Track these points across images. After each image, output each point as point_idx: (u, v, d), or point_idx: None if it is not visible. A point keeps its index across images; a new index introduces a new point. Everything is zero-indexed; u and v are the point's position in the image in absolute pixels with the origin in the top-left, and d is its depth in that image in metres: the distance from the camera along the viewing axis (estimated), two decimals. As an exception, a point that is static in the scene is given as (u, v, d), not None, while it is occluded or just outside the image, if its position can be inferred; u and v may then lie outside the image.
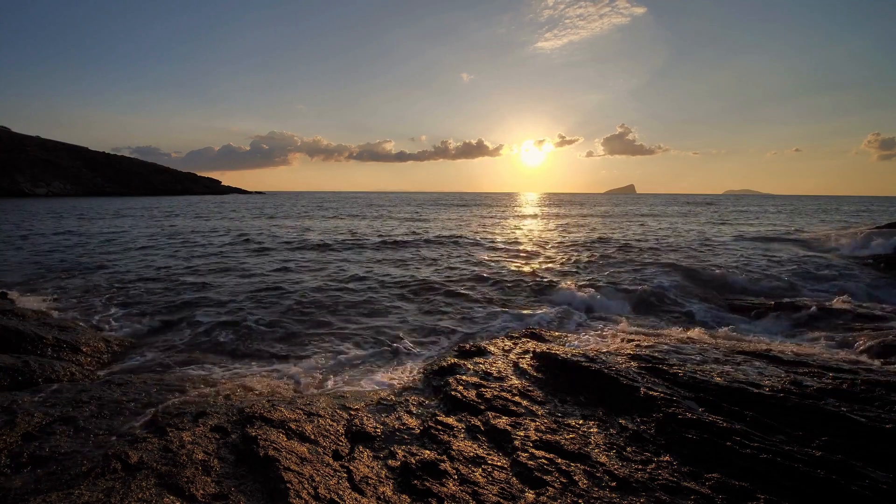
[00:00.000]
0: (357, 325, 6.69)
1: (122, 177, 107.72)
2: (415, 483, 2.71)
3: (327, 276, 10.49)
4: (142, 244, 15.69)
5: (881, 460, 2.75)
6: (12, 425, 3.15)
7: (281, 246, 15.79)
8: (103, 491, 2.41)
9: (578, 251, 14.94)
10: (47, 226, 22.39)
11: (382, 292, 8.89)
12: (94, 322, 6.75)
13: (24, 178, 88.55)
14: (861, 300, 7.85)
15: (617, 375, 4.00)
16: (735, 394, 3.56)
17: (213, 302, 7.87)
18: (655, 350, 4.85)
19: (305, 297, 8.35)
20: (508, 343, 5.48)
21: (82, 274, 10.26)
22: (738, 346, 5.23)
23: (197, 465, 2.74)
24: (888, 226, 15.16)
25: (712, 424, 3.14)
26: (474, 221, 29.78)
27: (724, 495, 2.54)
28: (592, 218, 33.75)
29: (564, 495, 2.56)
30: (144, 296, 8.23)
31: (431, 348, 5.96)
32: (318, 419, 3.49)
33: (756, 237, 19.21)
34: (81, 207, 41.05)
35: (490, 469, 2.84)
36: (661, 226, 26.00)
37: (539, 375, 4.36)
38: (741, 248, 15.88)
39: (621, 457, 2.96)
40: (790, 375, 3.92)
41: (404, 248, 15.64)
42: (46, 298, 7.95)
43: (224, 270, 11.08)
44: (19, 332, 5.25)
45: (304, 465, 2.81)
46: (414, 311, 7.55)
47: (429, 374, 4.70)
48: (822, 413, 3.21)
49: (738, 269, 10.96)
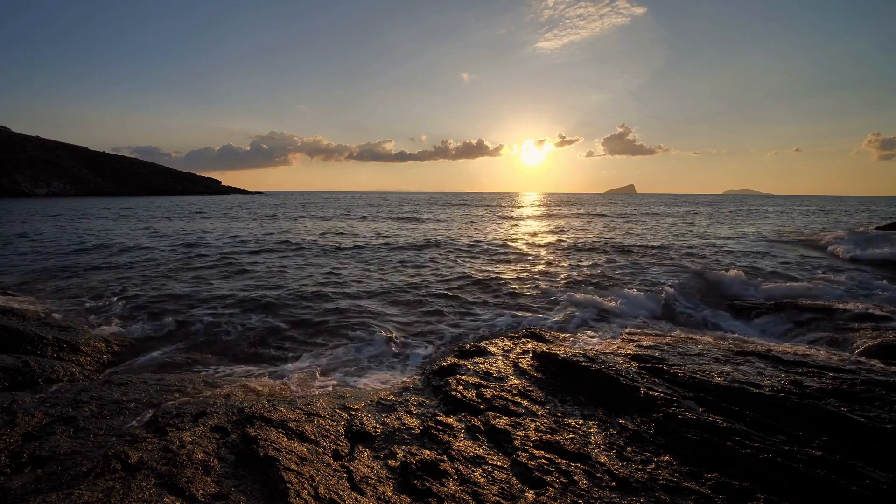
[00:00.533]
0: (357, 326, 6.69)
1: (122, 177, 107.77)
2: (415, 483, 2.71)
3: (327, 277, 10.49)
4: (143, 244, 15.69)
5: (881, 460, 2.75)
6: (12, 425, 3.15)
7: (280, 247, 15.79)
8: (103, 491, 2.41)
9: (578, 252, 14.94)
10: (47, 226, 22.40)
11: (383, 293, 8.89)
12: (94, 322, 6.75)
13: (23, 177, 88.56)
14: (861, 301, 7.84)
15: (617, 375, 4.01)
16: (735, 394, 3.56)
17: (212, 302, 7.87)
18: (655, 350, 4.85)
19: (305, 297, 8.35)
20: (508, 343, 5.48)
21: (82, 274, 10.26)
22: (738, 346, 5.23)
23: (197, 465, 2.74)
24: (889, 226, 15.16)
25: (712, 424, 3.14)
26: (474, 222, 29.79)
27: (724, 495, 2.54)
28: (593, 218, 33.75)
29: (564, 495, 2.56)
30: (145, 296, 8.23)
31: (431, 348, 5.96)
32: (318, 419, 3.49)
33: (757, 238, 19.22)
34: (81, 207, 41.06)
35: (490, 469, 2.84)
36: (662, 226, 26.00)
37: (539, 375, 4.36)
38: (741, 248, 15.89)
39: (621, 457, 2.96)
40: (790, 375, 3.93)
41: (405, 250, 15.64)
42: (46, 298, 7.95)
43: (224, 272, 11.08)
44: (19, 332, 5.25)
45: (304, 465, 2.81)
46: (414, 312, 7.55)
47: (429, 374, 4.70)
48: (822, 413, 3.21)
49: (738, 270, 10.98)
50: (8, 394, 3.80)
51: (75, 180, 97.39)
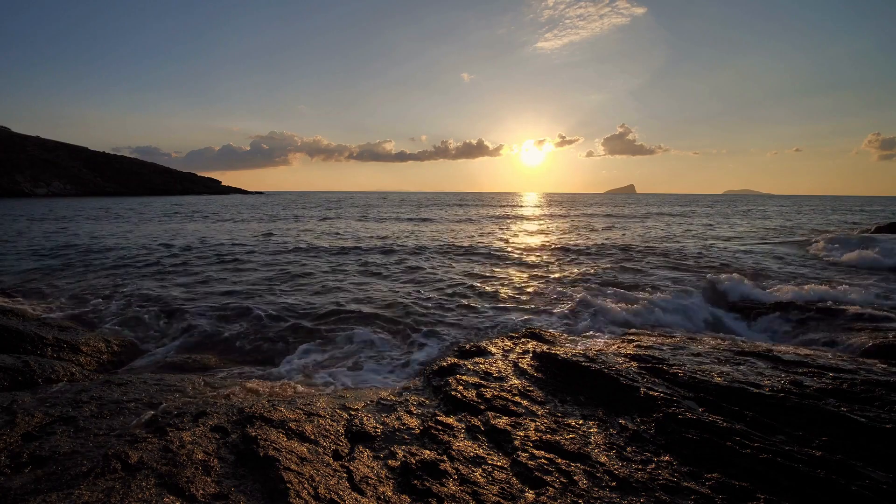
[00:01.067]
0: (357, 326, 6.69)
1: (122, 177, 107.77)
2: (415, 483, 2.71)
3: (326, 278, 10.49)
4: (142, 243, 15.69)
5: (881, 460, 2.75)
6: (12, 425, 3.15)
7: (280, 248, 15.80)
8: (103, 491, 2.41)
9: (579, 253, 14.94)
10: (47, 226, 22.40)
11: (382, 293, 8.89)
12: (93, 321, 6.75)
13: (23, 177, 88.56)
14: (860, 302, 7.84)
15: (617, 375, 4.00)
16: (735, 394, 3.56)
17: (212, 302, 7.87)
18: (655, 350, 4.85)
19: (305, 297, 8.35)
20: (508, 343, 5.48)
21: (82, 274, 10.25)
22: (738, 346, 5.23)
23: (197, 465, 2.74)
24: (889, 226, 15.13)
25: (712, 424, 3.14)
26: (475, 222, 29.78)
27: (724, 495, 2.54)
28: (593, 219, 33.75)
29: (564, 495, 2.56)
30: (145, 296, 8.23)
31: (431, 349, 5.96)
32: (318, 419, 3.49)
33: (757, 239, 19.22)
34: (82, 207, 41.06)
35: (490, 469, 2.84)
36: (661, 227, 26.00)
37: (539, 375, 4.36)
38: (742, 248, 15.90)
39: (621, 457, 2.96)
40: (790, 375, 3.92)
41: (405, 250, 15.64)
42: (46, 298, 7.95)
43: (224, 272, 11.08)
44: (19, 333, 5.25)
45: (304, 465, 2.81)
46: (414, 312, 7.55)
47: (429, 375, 4.70)
48: (822, 413, 3.21)
49: (738, 271, 10.98)
50: (8, 394, 3.80)
51: (75, 180, 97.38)
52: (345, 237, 19.19)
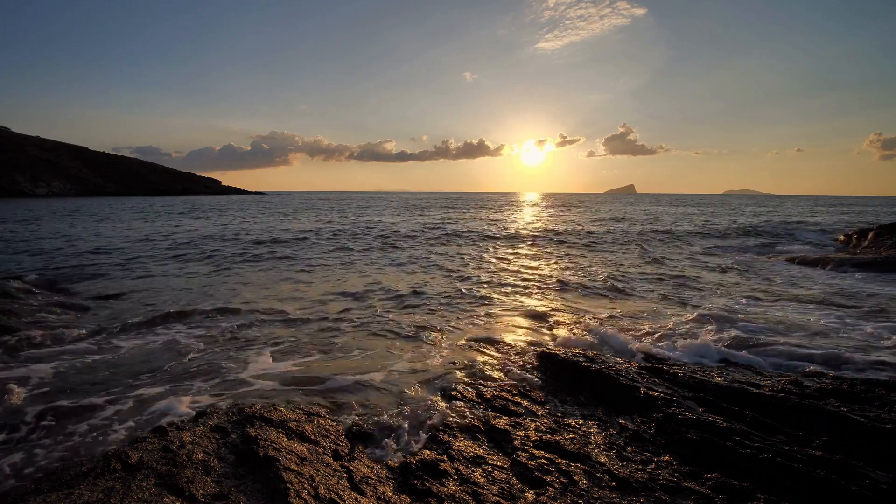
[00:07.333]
0: (357, 326, 6.68)
1: (122, 177, 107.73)
2: (415, 483, 2.71)
3: (325, 278, 10.49)
4: (139, 238, 15.69)
5: (881, 460, 2.75)
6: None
7: (292, 240, 15.79)
8: (103, 491, 2.41)
9: (579, 253, 14.94)
10: (47, 226, 22.39)
11: (383, 293, 8.89)
12: (93, 320, 6.75)
13: (23, 177, 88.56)
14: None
15: (617, 375, 4.00)
16: (735, 394, 3.56)
17: (210, 302, 7.86)
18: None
19: (306, 296, 8.35)
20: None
21: (82, 272, 10.26)
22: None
23: (197, 465, 2.74)
24: (889, 226, 15.14)
25: (712, 424, 3.14)
26: (475, 220, 29.78)
27: (724, 495, 2.54)
28: (593, 218, 33.74)
29: (564, 495, 2.56)
30: (145, 295, 8.23)
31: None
32: (318, 419, 3.49)
33: (757, 240, 19.24)
34: (82, 207, 41.06)
35: (490, 469, 2.84)
36: (662, 227, 26.00)
37: (539, 375, 4.36)
38: (742, 249, 15.93)
39: (621, 457, 2.96)
40: (790, 375, 3.92)
41: (403, 250, 15.63)
42: (54, 296, 7.95)
43: (226, 272, 11.07)
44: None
45: (304, 465, 2.81)
46: (414, 312, 7.55)
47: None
48: (822, 413, 3.21)
49: (739, 271, 10.98)
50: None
51: (75, 180, 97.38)
52: (344, 234, 19.20)
